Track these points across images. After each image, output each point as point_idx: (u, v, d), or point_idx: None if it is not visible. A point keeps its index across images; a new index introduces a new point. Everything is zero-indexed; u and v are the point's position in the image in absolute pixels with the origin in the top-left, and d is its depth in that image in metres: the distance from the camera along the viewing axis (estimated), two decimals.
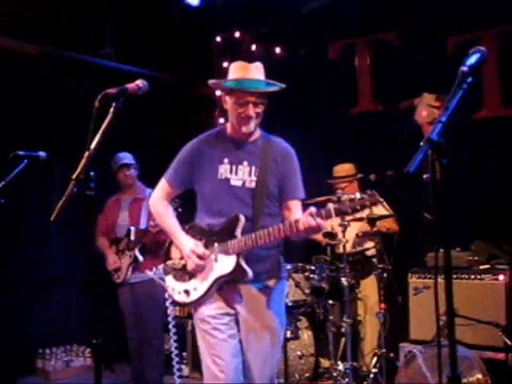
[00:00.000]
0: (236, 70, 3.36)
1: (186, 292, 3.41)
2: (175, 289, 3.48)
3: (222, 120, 7.14)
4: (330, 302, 5.35)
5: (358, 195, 2.97)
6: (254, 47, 7.35)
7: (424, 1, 6.29)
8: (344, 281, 5.22)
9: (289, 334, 5.13)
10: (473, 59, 2.21)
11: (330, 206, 2.99)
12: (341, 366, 5.18)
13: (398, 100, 6.46)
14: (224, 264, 3.29)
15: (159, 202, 3.57)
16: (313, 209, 3.04)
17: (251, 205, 3.33)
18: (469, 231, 5.55)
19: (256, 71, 3.33)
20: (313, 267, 5.42)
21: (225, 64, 7.40)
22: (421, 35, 6.41)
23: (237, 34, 7.41)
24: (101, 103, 2.61)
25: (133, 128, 6.61)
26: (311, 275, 5.37)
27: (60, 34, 6.53)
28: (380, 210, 5.65)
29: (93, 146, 2.60)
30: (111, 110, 2.67)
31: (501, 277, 5.01)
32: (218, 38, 7.55)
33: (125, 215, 5.47)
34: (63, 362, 6.41)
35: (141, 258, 5.22)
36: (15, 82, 6.21)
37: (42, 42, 6.41)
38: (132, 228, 5.31)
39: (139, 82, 2.85)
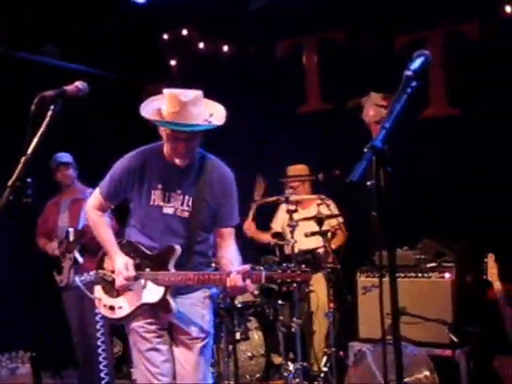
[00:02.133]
0: (170, 106, 3.17)
1: (112, 308, 3.43)
2: (102, 301, 3.48)
3: None
4: (280, 302, 5.33)
5: (296, 268, 3.08)
6: (201, 45, 7.32)
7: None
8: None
9: (238, 335, 5.12)
10: (417, 63, 2.18)
11: (263, 273, 3.07)
12: (291, 367, 5.16)
13: (346, 99, 6.49)
14: (151, 293, 3.31)
15: (93, 212, 3.53)
16: (246, 267, 3.10)
17: (183, 234, 3.33)
18: (416, 230, 5.59)
19: (192, 107, 3.16)
20: (262, 268, 5.27)
21: (172, 62, 7.47)
22: (369, 34, 6.44)
23: (184, 32, 7.36)
24: (37, 106, 2.51)
25: (78, 128, 6.48)
26: None
27: (4, 32, 6.32)
28: (327, 209, 5.73)
29: (29, 150, 2.49)
30: (49, 113, 2.55)
31: (447, 274, 5.08)
32: (166, 36, 7.48)
33: (65, 217, 5.39)
34: (8, 369, 6.22)
35: (81, 259, 5.15)
36: None
37: None
38: (70, 229, 5.23)
39: (78, 84, 2.73)
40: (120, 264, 3.33)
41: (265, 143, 6.87)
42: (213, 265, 3.59)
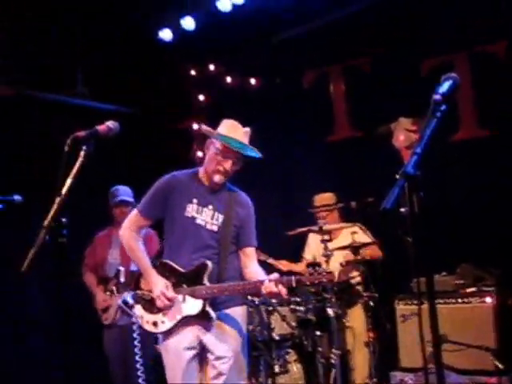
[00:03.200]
0: (227, 128, 3.70)
1: (154, 323, 3.65)
2: (144, 318, 3.70)
3: (200, 153, 7.13)
4: (318, 333, 5.26)
5: (322, 269, 3.41)
6: (228, 79, 7.40)
7: (396, 24, 6.37)
8: (330, 311, 5.17)
9: (277, 369, 5.02)
10: (445, 87, 2.19)
11: (292, 277, 3.36)
12: None
13: (376, 125, 6.48)
14: (191, 306, 3.57)
15: (130, 235, 3.75)
16: (276, 275, 3.41)
17: (215, 246, 3.64)
18: (454, 255, 5.57)
19: (244, 136, 3.69)
20: (298, 299, 5.36)
21: (201, 97, 7.51)
22: (394, 60, 6.46)
23: (211, 67, 7.45)
24: (70, 146, 2.58)
25: (108, 165, 6.48)
26: (297, 307, 5.31)
27: (34, 74, 6.43)
28: (363, 237, 5.66)
29: (64, 191, 2.54)
30: (81, 153, 2.63)
31: (488, 299, 5.05)
32: (193, 72, 7.56)
33: (116, 253, 5.21)
34: None
35: (131, 301, 4.99)
36: None
37: (17, 82, 6.33)
38: (121, 268, 5.02)
39: (110, 124, 2.80)
40: (160, 286, 3.58)
41: (293, 172, 6.91)
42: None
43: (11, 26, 6.19)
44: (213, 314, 3.54)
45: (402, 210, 2.06)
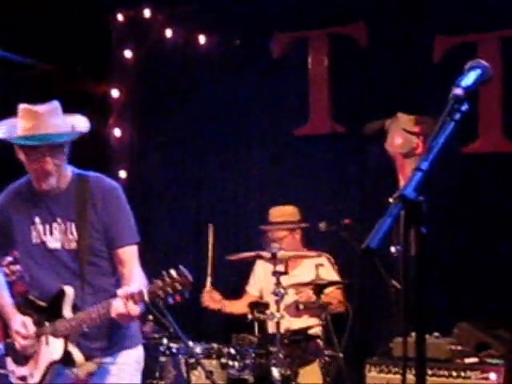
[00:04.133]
0: (25, 120, 3.68)
1: (23, 378, 3.80)
2: (15, 373, 3.85)
3: (118, 132, 7.21)
4: None
5: (173, 273, 3.41)
6: (168, 33, 7.28)
7: None
8: (276, 371, 5.17)
9: None
10: (470, 78, 2.18)
11: (144, 289, 3.45)
12: None
13: (364, 120, 6.43)
14: (54, 348, 3.71)
15: None
16: (125, 289, 3.50)
17: (77, 270, 3.75)
18: (451, 309, 5.68)
19: (50, 119, 3.70)
20: (233, 350, 5.39)
21: (127, 54, 7.44)
22: (398, 32, 6.45)
23: (146, 13, 7.34)
24: None
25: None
26: (230, 362, 5.33)
27: None
28: (330, 273, 5.72)
29: None
30: None
31: (492, 375, 5.01)
32: (121, 17, 7.46)
33: None
34: None
35: (2, 352, 5.10)
36: None
37: None
38: None
39: None
40: (16, 324, 3.75)
41: (241, 176, 6.99)
42: None
43: None
44: (78, 355, 3.64)
45: (393, 249, 2.03)
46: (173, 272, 3.43)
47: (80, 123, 3.81)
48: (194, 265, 5.97)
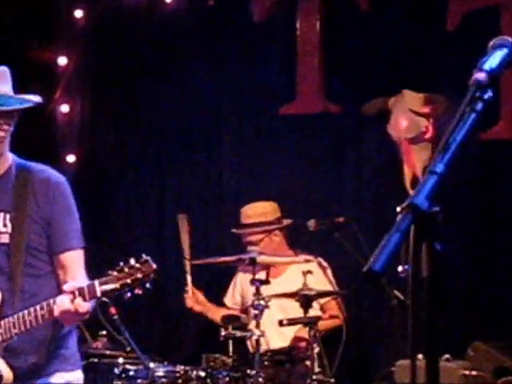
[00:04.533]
0: None
1: None
2: None
3: (65, 108, 7.19)
4: None
5: (131, 261, 3.45)
6: None
7: None
8: None
9: None
10: (495, 59, 2.13)
11: (96, 281, 3.46)
12: None
13: (363, 99, 6.47)
14: None
15: None
16: (73, 283, 3.52)
17: (6, 267, 3.74)
18: (465, 328, 5.79)
19: None
20: (202, 373, 5.43)
21: (78, 14, 7.36)
22: None
23: None
24: None
25: None
26: None
27: None
28: (321, 281, 5.77)
29: None
30: None
31: None
32: None
33: None
34: None
35: None
36: None
37: None
38: None
39: None
40: None
41: (216, 158, 7.04)
42: None
43: None
44: (6, 371, 3.62)
45: (400, 268, 2.06)
46: (131, 260, 3.46)
47: (30, 96, 3.84)
48: (158, 266, 5.83)
